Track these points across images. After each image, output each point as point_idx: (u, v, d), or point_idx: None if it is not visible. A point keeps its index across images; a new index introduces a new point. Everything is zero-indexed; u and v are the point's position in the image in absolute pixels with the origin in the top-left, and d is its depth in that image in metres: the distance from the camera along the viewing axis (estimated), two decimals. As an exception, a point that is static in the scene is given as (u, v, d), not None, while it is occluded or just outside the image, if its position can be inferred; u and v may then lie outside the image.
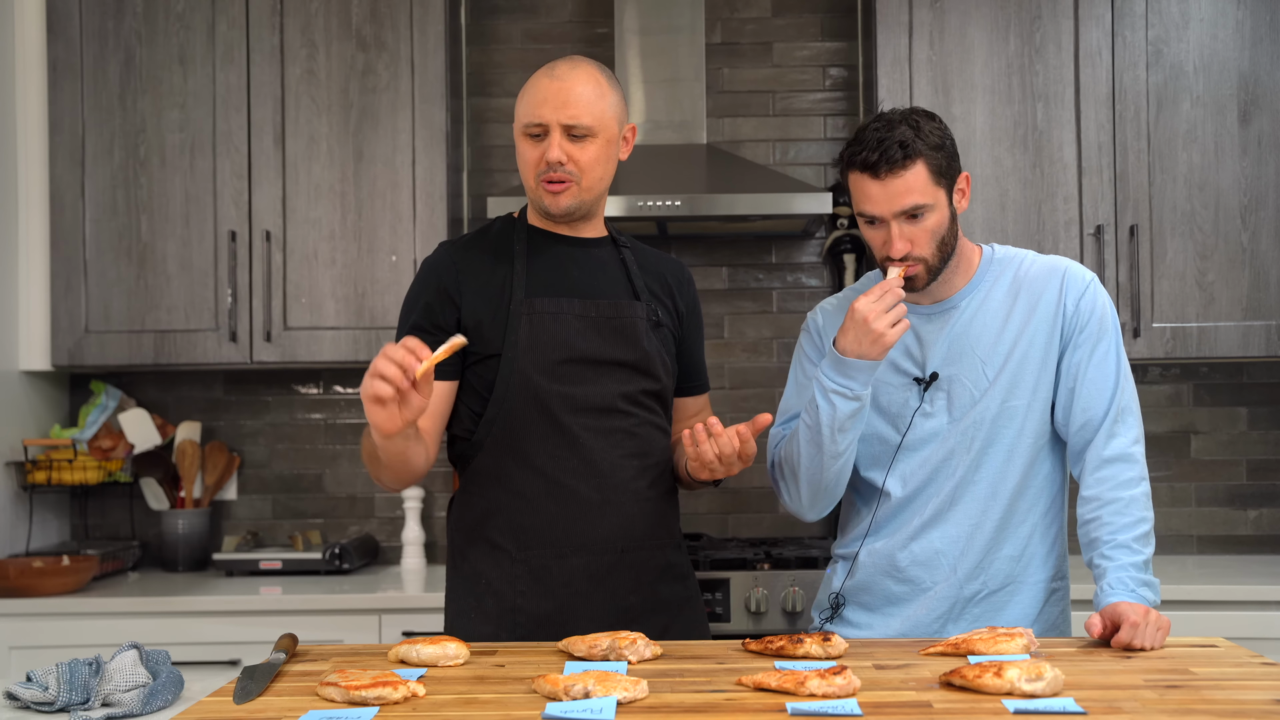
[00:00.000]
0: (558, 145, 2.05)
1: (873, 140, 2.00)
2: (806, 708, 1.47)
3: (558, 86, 2.06)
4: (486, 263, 2.12)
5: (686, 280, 2.29)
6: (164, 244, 3.38)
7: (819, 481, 2.10)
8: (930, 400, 2.11)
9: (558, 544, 2.08)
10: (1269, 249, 3.29)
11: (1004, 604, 2.13)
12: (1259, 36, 3.30)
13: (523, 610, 2.08)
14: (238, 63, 3.38)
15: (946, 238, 2.06)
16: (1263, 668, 1.71)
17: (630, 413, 2.13)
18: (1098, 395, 2.08)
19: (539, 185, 2.09)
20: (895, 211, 2.01)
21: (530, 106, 2.07)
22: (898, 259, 2.03)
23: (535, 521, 2.08)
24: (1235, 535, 3.64)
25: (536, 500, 2.08)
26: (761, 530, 3.71)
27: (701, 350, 2.33)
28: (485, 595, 2.10)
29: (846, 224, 3.57)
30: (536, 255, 2.14)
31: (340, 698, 1.57)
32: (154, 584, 3.32)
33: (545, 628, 2.06)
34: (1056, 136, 3.32)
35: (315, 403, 3.74)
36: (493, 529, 2.10)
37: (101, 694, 1.68)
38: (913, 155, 2.00)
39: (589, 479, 2.09)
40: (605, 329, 2.11)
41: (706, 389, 2.34)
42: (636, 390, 2.13)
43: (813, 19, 3.76)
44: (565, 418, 2.07)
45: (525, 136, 2.09)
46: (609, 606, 2.09)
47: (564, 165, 2.06)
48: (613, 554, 2.10)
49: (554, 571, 2.08)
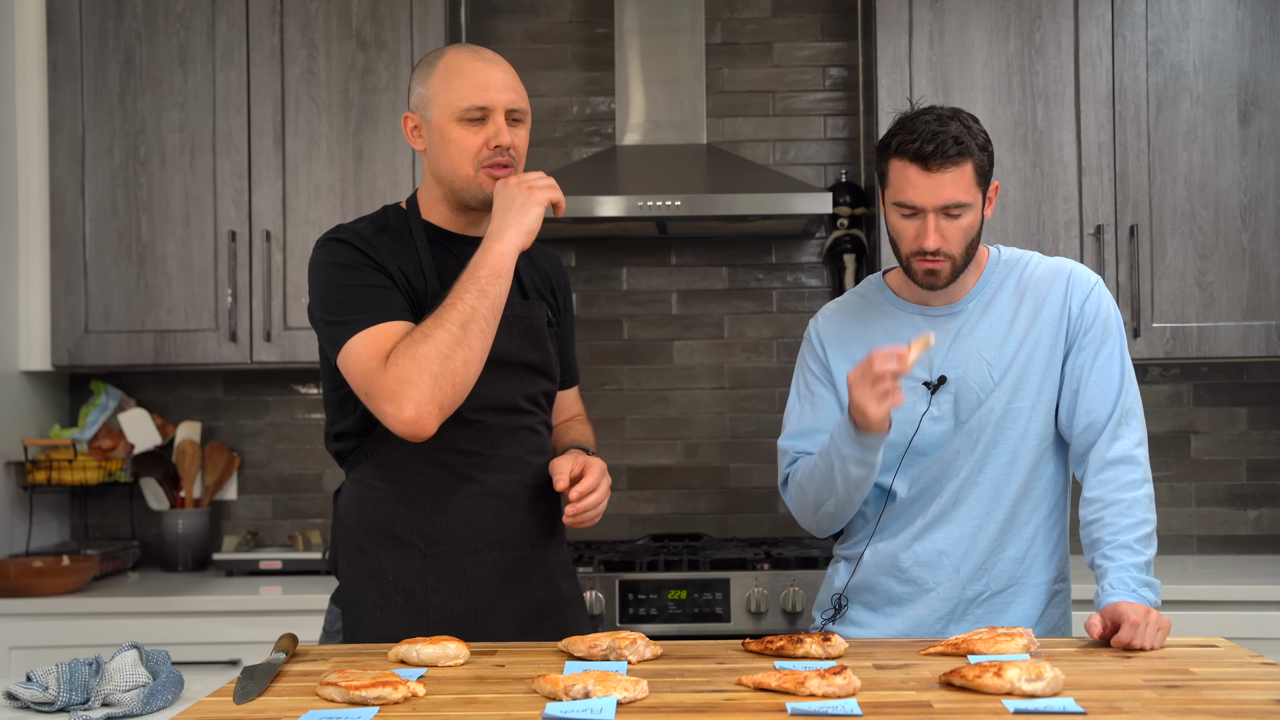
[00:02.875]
0: (505, 128, 2.00)
1: (927, 132, 1.99)
2: (806, 708, 1.47)
3: (495, 70, 2.02)
4: (395, 252, 2.04)
5: (562, 273, 2.25)
6: (164, 244, 3.38)
7: (837, 514, 2.14)
8: (938, 403, 2.11)
9: (469, 540, 2.04)
10: (1269, 249, 3.29)
11: (1006, 605, 2.13)
12: (1259, 36, 3.30)
13: (435, 608, 2.03)
14: (238, 63, 3.38)
15: (975, 240, 2.07)
16: (1263, 668, 1.71)
17: (531, 412, 2.10)
18: (1102, 397, 2.08)
19: (480, 171, 2.01)
20: (938, 205, 2.01)
21: (470, 90, 1.99)
22: (930, 250, 2.02)
23: (445, 517, 2.03)
24: (1235, 535, 3.64)
25: (445, 495, 2.03)
26: (761, 530, 3.71)
27: (573, 343, 2.31)
28: (393, 593, 2.04)
29: (846, 224, 3.57)
30: (436, 253, 2.07)
31: (340, 698, 1.57)
32: (154, 584, 3.32)
33: (458, 625, 2.01)
34: (1056, 136, 3.32)
35: (315, 403, 3.74)
36: (398, 524, 2.04)
37: (101, 694, 1.68)
38: (965, 153, 2.00)
39: (496, 474, 2.05)
40: (516, 330, 2.07)
41: (578, 380, 2.34)
42: (538, 391, 2.11)
43: (813, 19, 3.76)
44: (470, 415, 2.01)
45: (462, 122, 2.00)
46: (522, 602, 2.07)
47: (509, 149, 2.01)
48: (524, 549, 2.08)
49: (467, 568, 2.04)
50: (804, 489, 2.14)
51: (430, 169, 2.07)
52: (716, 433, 3.73)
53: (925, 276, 2.07)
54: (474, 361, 1.88)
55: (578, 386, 2.35)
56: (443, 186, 2.06)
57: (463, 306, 1.88)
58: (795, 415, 2.22)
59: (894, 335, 2.14)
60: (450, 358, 1.86)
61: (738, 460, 3.73)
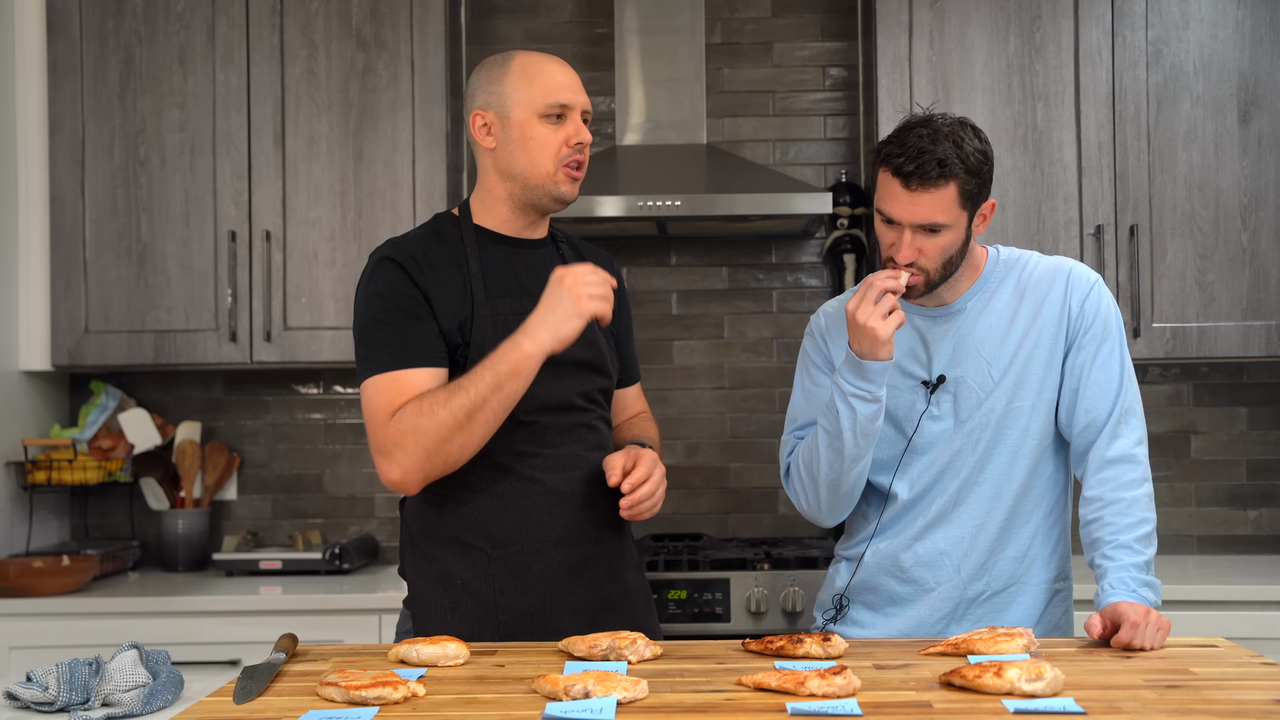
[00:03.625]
0: (584, 127, 2.06)
1: (914, 149, 1.97)
2: (806, 708, 1.47)
3: (568, 72, 2.09)
4: (443, 263, 2.07)
5: (616, 273, 2.26)
6: (164, 244, 3.38)
7: (840, 485, 2.11)
8: (937, 403, 2.12)
9: (533, 539, 2.06)
10: (1269, 249, 3.29)
11: (1007, 605, 2.13)
12: (1259, 36, 3.30)
13: (504, 609, 2.05)
14: (238, 63, 3.38)
15: (954, 257, 2.06)
16: (1263, 668, 1.72)
17: (587, 409, 2.12)
18: (1101, 396, 2.08)
19: (560, 169, 2.05)
20: (914, 223, 2.01)
21: (551, 89, 2.04)
22: (902, 265, 2.03)
23: (508, 518, 2.06)
24: (1235, 535, 3.64)
25: (506, 497, 2.06)
26: (761, 530, 3.71)
27: (632, 340, 2.33)
28: (461, 596, 2.06)
29: (846, 224, 3.56)
30: (487, 258, 2.09)
31: (340, 698, 1.57)
32: (154, 584, 3.32)
33: (527, 625, 2.04)
34: (1056, 136, 3.32)
35: (315, 403, 3.74)
36: (463, 529, 2.07)
37: (101, 694, 1.68)
38: (948, 176, 1.98)
39: (556, 472, 2.07)
40: None
41: (639, 376, 2.35)
42: (593, 388, 2.13)
43: (813, 19, 3.76)
44: (526, 416, 2.03)
45: (543, 120, 2.04)
46: (588, 598, 2.09)
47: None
48: (588, 545, 2.09)
49: (533, 567, 2.06)
50: (807, 462, 2.13)
51: (499, 167, 2.08)
52: (716, 433, 3.73)
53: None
54: (471, 446, 1.95)
55: (639, 384, 2.35)
56: (513, 184, 2.08)
57: (474, 394, 1.91)
58: (800, 408, 2.23)
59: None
60: (448, 440, 1.92)
61: (738, 460, 3.73)
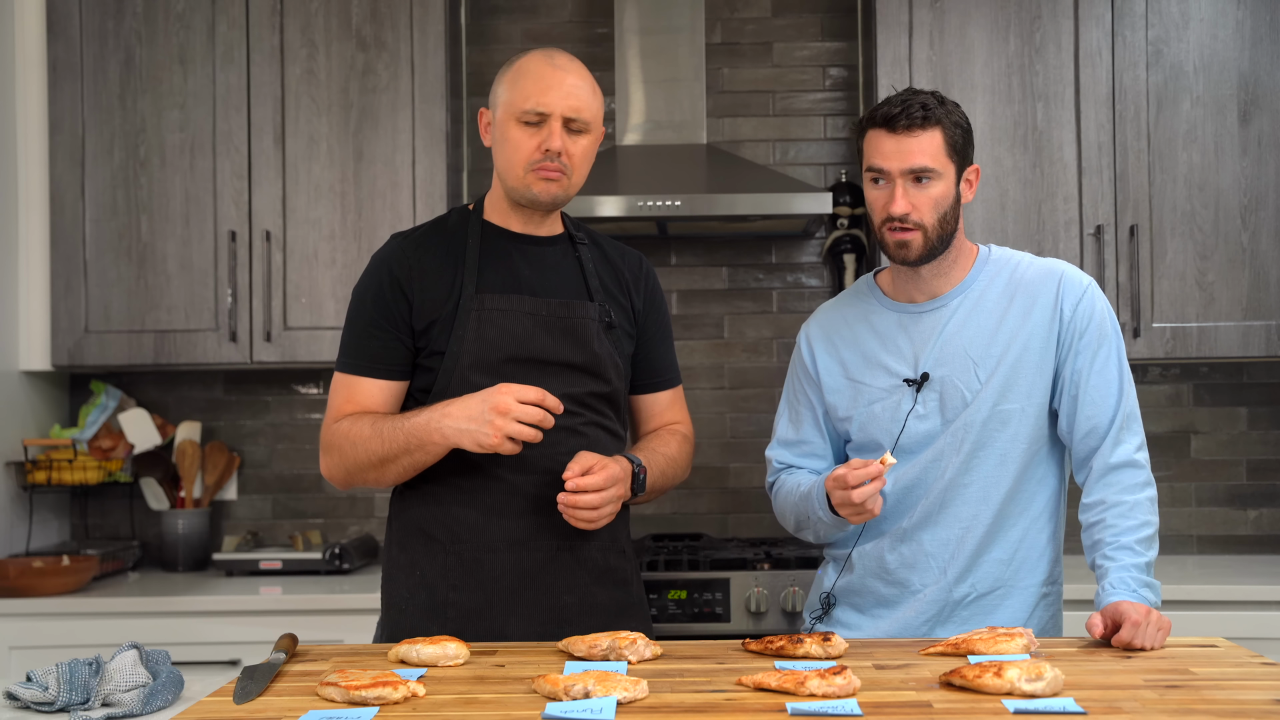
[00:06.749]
0: (559, 135, 2.01)
1: (897, 100, 2.05)
2: (806, 708, 1.47)
3: (561, 76, 2.02)
4: (439, 257, 2.07)
5: (645, 273, 2.23)
6: (164, 244, 3.38)
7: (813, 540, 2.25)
8: (923, 402, 2.11)
9: (489, 538, 2.04)
10: (1269, 249, 3.29)
11: (993, 608, 2.11)
12: (1259, 36, 3.30)
13: (454, 605, 2.04)
14: (238, 63, 3.38)
15: (948, 214, 2.06)
16: (1263, 668, 1.71)
17: (575, 413, 2.07)
18: (1102, 403, 2.07)
19: (529, 173, 2.03)
20: (904, 169, 2.02)
21: (530, 92, 2.01)
22: (898, 215, 2.03)
23: (467, 514, 2.04)
24: (1235, 535, 3.64)
25: (471, 492, 2.04)
26: (761, 530, 3.71)
27: (667, 344, 2.26)
28: (419, 588, 2.06)
29: (846, 224, 3.57)
30: (489, 252, 2.09)
31: (340, 698, 1.57)
32: (154, 584, 3.32)
33: (474, 623, 2.02)
34: (1056, 136, 3.32)
35: (315, 403, 3.74)
36: (427, 520, 2.07)
37: (101, 694, 1.68)
38: (932, 120, 2.04)
39: (525, 474, 2.04)
40: (555, 328, 2.06)
41: (676, 383, 2.28)
42: (584, 392, 2.08)
43: (813, 19, 3.76)
44: None
45: (518, 123, 2.02)
46: (541, 604, 2.05)
47: (560, 156, 2.01)
48: (546, 551, 2.05)
49: (486, 565, 2.04)
50: (784, 514, 2.23)
51: (495, 164, 2.11)
52: (716, 433, 3.73)
53: (897, 249, 2.07)
54: (387, 482, 2.08)
55: (675, 390, 2.28)
56: (502, 184, 2.10)
57: (389, 447, 2.01)
58: (782, 424, 2.29)
59: (878, 334, 2.16)
60: (365, 470, 2.05)
61: (738, 460, 3.73)
